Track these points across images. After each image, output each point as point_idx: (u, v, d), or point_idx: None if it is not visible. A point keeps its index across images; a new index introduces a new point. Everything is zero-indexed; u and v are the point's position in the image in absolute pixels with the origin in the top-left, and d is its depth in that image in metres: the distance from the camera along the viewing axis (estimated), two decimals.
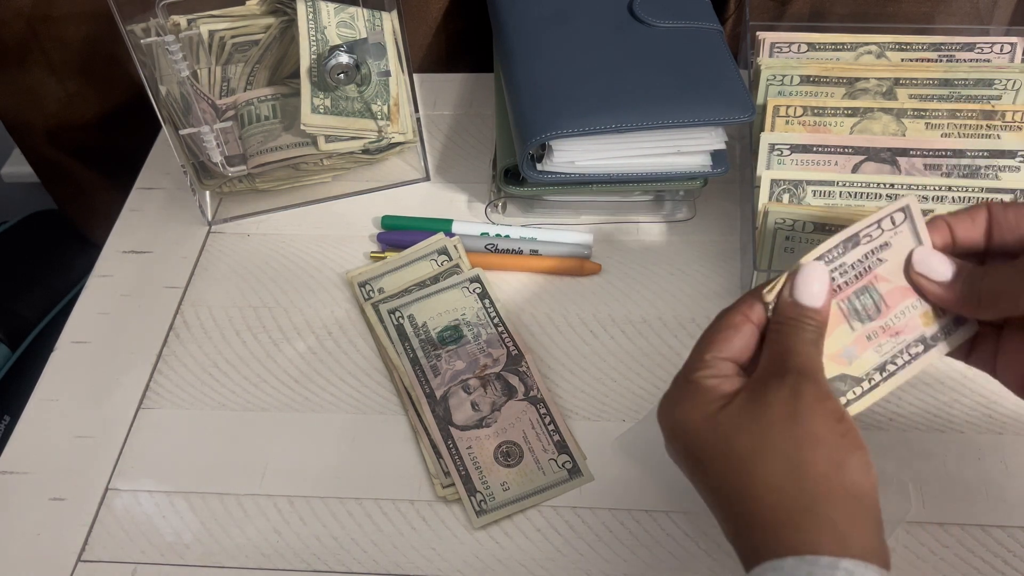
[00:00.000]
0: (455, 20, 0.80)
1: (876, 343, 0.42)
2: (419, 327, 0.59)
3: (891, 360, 0.42)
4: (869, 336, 0.42)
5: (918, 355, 0.42)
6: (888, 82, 0.62)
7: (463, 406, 0.55)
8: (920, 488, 0.51)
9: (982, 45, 0.65)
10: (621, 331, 0.59)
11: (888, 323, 0.42)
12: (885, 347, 0.42)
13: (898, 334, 0.42)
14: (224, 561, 0.50)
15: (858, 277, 0.42)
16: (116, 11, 0.55)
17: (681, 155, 0.61)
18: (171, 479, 0.54)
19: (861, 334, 0.42)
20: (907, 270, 0.41)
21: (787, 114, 0.61)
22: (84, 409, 0.58)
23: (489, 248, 0.64)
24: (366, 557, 0.50)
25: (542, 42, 0.64)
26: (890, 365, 0.42)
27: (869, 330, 0.42)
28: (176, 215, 0.69)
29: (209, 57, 0.64)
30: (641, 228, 0.66)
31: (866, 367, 0.41)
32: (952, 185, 0.55)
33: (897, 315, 0.42)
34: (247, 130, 0.64)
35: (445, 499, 0.52)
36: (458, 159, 0.72)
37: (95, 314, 0.63)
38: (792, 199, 0.57)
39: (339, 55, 0.61)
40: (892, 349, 0.42)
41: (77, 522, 0.52)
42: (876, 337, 0.42)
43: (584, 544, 0.50)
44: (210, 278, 0.65)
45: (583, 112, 0.59)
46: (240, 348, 0.60)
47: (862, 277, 0.42)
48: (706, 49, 0.64)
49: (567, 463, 0.53)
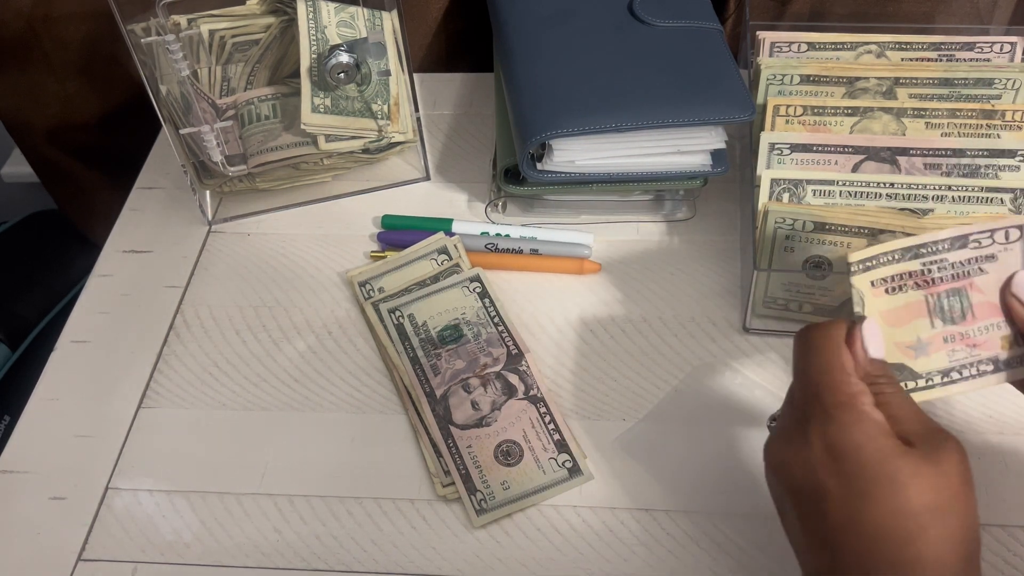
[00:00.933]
0: (455, 20, 0.80)
1: (950, 347, 0.42)
2: (419, 326, 0.59)
3: (958, 369, 0.42)
4: (946, 339, 0.42)
5: (984, 374, 0.42)
6: (888, 81, 0.62)
7: (463, 405, 0.55)
8: None
9: (982, 44, 0.65)
10: (621, 331, 0.59)
11: (969, 332, 0.42)
12: (958, 355, 0.42)
13: (975, 347, 0.42)
14: (224, 560, 0.50)
15: (955, 278, 0.42)
16: (116, 11, 0.55)
17: (681, 154, 0.61)
18: (171, 478, 0.54)
19: (939, 334, 0.42)
20: (1005, 288, 0.42)
21: (787, 113, 0.61)
22: (84, 408, 0.58)
23: (489, 248, 0.64)
24: (366, 556, 0.50)
25: (542, 42, 0.64)
26: (955, 373, 0.42)
27: (948, 332, 0.42)
28: (176, 215, 0.69)
29: (209, 57, 0.64)
30: (641, 228, 0.66)
31: (930, 367, 0.41)
32: (952, 184, 0.56)
33: (980, 329, 0.42)
34: (247, 130, 0.64)
35: (445, 498, 0.52)
36: (458, 159, 0.72)
37: (95, 314, 0.63)
38: (792, 198, 0.57)
39: (339, 55, 0.61)
40: (963, 359, 0.42)
41: (77, 521, 0.52)
42: (952, 342, 0.42)
43: (584, 543, 0.50)
44: (210, 278, 0.65)
45: (583, 112, 0.59)
46: (240, 348, 0.60)
47: (958, 279, 0.42)
48: (706, 49, 0.64)
49: (567, 462, 0.53)
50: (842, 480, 0.36)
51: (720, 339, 0.58)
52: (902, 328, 0.41)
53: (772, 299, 0.58)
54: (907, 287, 0.43)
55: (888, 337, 0.42)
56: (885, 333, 0.42)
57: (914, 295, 0.43)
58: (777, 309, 0.58)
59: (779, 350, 0.58)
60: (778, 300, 0.58)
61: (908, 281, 0.42)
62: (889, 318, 0.42)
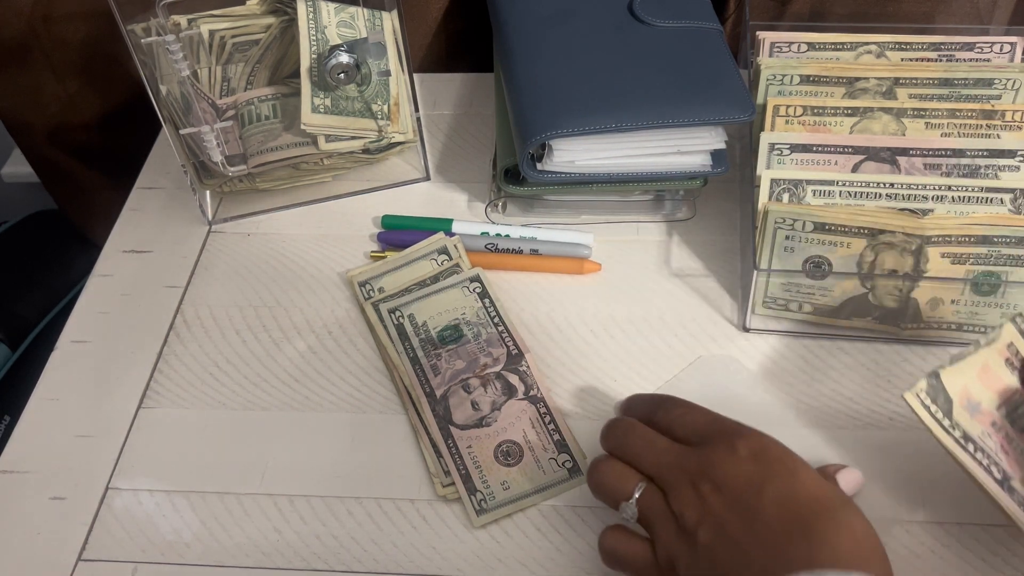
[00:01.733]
0: (455, 20, 0.80)
1: (989, 432, 0.44)
2: (419, 326, 0.59)
3: (978, 446, 0.44)
4: (995, 423, 0.44)
5: (988, 471, 0.44)
6: (888, 82, 0.62)
7: (463, 405, 0.55)
8: (920, 488, 0.51)
9: (982, 45, 0.65)
10: (621, 331, 0.59)
11: (1013, 440, 0.44)
12: (987, 441, 0.44)
13: (1003, 452, 0.44)
14: (224, 560, 0.50)
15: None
16: (116, 11, 0.55)
17: (681, 155, 0.61)
18: (171, 478, 0.54)
19: (994, 418, 0.44)
20: None
21: (787, 114, 0.61)
22: (84, 409, 0.58)
23: (489, 248, 0.64)
24: (366, 556, 0.50)
25: (542, 42, 0.64)
26: (970, 445, 0.44)
27: (1000, 423, 0.44)
28: (176, 215, 0.69)
29: (209, 57, 0.64)
30: (641, 228, 0.66)
31: (964, 423, 0.44)
32: (952, 184, 0.56)
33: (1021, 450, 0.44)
34: (247, 130, 0.64)
35: (445, 498, 0.52)
36: (458, 159, 0.72)
37: (95, 314, 0.63)
38: (792, 199, 0.57)
39: (339, 55, 0.61)
40: (988, 447, 0.44)
41: (77, 521, 0.52)
42: (996, 432, 0.44)
43: (584, 543, 0.50)
44: (210, 278, 0.65)
45: (583, 112, 0.59)
46: (240, 348, 0.60)
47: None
48: (706, 49, 0.64)
49: (567, 462, 0.53)
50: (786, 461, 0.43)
51: (720, 339, 0.58)
52: (981, 385, 0.44)
53: (772, 299, 0.58)
54: (1016, 370, 0.46)
55: (967, 374, 0.45)
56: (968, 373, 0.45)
57: (1013, 381, 0.46)
58: (777, 309, 0.58)
59: (779, 350, 0.58)
60: (778, 300, 0.58)
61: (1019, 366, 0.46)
62: (984, 372, 0.45)
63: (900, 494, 0.50)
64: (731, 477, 0.42)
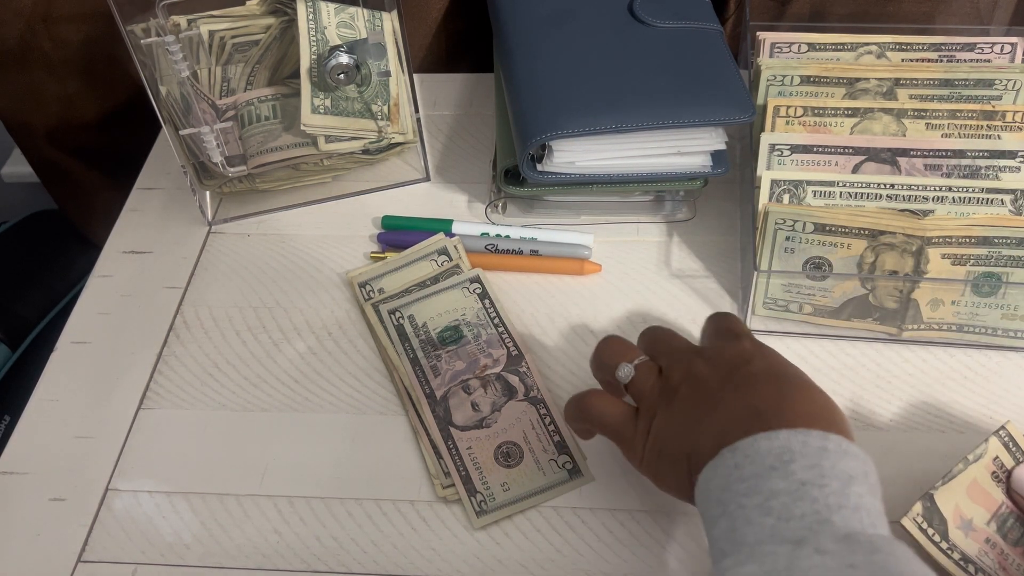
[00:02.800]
0: (455, 20, 0.80)
1: (986, 549, 0.45)
2: (419, 327, 0.59)
3: (977, 566, 0.44)
4: (988, 540, 0.45)
5: None
6: (888, 82, 0.62)
7: (463, 406, 0.55)
8: (921, 488, 0.51)
9: (982, 45, 0.65)
10: (621, 332, 0.59)
11: (1009, 557, 0.45)
12: (985, 560, 0.45)
13: (1002, 569, 0.44)
14: (224, 561, 0.50)
15: None
16: (116, 11, 0.55)
17: (681, 155, 0.61)
18: (171, 479, 0.54)
19: (988, 534, 0.45)
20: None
21: (787, 114, 0.61)
22: (84, 409, 0.58)
23: (489, 248, 0.64)
24: (366, 557, 0.50)
25: (542, 42, 0.64)
26: (971, 566, 0.44)
27: (995, 540, 0.45)
28: (176, 215, 0.69)
29: (209, 57, 0.64)
30: (641, 228, 0.66)
31: (959, 544, 0.45)
32: (952, 185, 0.55)
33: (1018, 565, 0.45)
34: (247, 130, 0.64)
35: (445, 499, 0.52)
36: (458, 159, 0.72)
37: (95, 314, 0.63)
38: (792, 199, 0.57)
39: (339, 55, 0.61)
40: (986, 565, 0.44)
41: (77, 522, 0.52)
42: (992, 549, 0.45)
43: (584, 545, 0.50)
44: (210, 278, 0.65)
45: (583, 112, 0.59)
46: (240, 348, 0.60)
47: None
48: (706, 49, 0.64)
49: (567, 463, 0.53)
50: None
51: None
52: (971, 502, 0.45)
53: (772, 300, 0.58)
54: (1002, 483, 0.47)
55: (957, 492, 0.46)
56: (959, 492, 0.46)
57: (1000, 495, 0.46)
58: (777, 310, 0.58)
59: (779, 351, 0.57)
60: (778, 301, 0.58)
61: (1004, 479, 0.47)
62: (973, 489, 0.46)
63: (900, 494, 0.50)
64: (727, 354, 0.45)
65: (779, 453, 0.38)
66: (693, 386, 0.44)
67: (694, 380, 0.44)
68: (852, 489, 0.37)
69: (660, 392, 0.45)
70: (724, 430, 0.40)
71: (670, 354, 0.47)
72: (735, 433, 0.40)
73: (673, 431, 0.43)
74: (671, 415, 0.44)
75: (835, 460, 0.37)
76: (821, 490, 0.36)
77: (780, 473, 0.37)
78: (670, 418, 0.44)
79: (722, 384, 0.43)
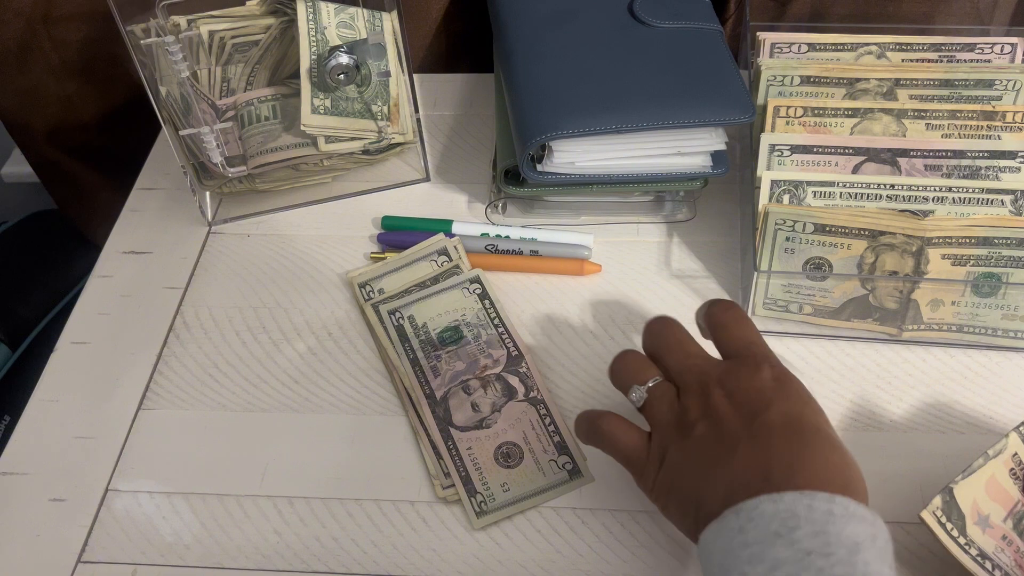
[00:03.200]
0: (455, 20, 0.80)
1: (1003, 546, 0.44)
2: (419, 328, 0.59)
3: (993, 562, 0.44)
4: (1005, 538, 0.44)
5: None
6: (888, 83, 0.62)
7: (463, 407, 0.55)
8: (920, 488, 0.51)
9: (982, 45, 0.65)
10: (621, 331, 0.59)
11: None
12: (1002, 556, 0.44)
13: (1018, 566, 0.44)
14: (224, 562, 0.50)
15: None
16: (116, 11, 0.55)
17: (681, 156, 0.61)
18: (171, 480, 0.54)
19: (1005, 531, 0.45)
20: None
21: (787, 115, 0.61)
22: (84, 409, 0.57)
23: (489, 249, 0.64)
24: (366, 558, 0.50)
25: (542, 43, 0.64)
26: (988, 562, 0.44)
27: (1011, 537, 0.45)
28: (176, 215, 0.69)
29: (209, 57, 0.64)
30: (641, 228, 0.66)
31: (977, 540, 0.44)
32: (952, 186, 0.55)
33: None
34: (247, 130, 0.64)
35: (445, 500, 0.52)
36: (458, 159, 0.72)
37: (95, 314, 0.63)
38: (792, 200, 0.57)
39: (339, 55, 0.61)
40: (1003, 562, 0.44)
41: (77, 523, 0.52)
42: (1008, 546, 0.44)
43: (584, 545, 0.50)
44: (210, 278, 0.65)
45: (583, 113, 0.59)
46: (240, 348, 0.60)
47: None
48: (706, 49, 0.64)
49: (567, 464, 0.53)
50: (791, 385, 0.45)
51: None
52: (988, 497, 0.44)
53: (772, 300, 0.58)
54: (1019, 480, 0.46)
55: (976, 487, 0.45)
56: (977, 487, 0.45)
57: (1016, 492, 0.46)
58: (777, 311, 0.58)
59: (779, 352, 0.57)
60: (778, 301, 0.58)
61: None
62: (991, 485, 0.46)
63: (900, 495, 0.50)
64: (745, 389, 0.43)
65: (784, 518, 0.37)
66: (710, 426, 0.43)
67: (713, 419, 0.43)
68: (859, 557, 0.36)
69: (676, 424, 0.44)
70: (732, 489, 0.40)
71: (684, 373, 0.46)
72: (741, 494, 0.39)
73: (686, 470, 0.43)
74: (686, 452, 0.43)
75: (841, 526, 0.37)
76: (827, 559, 0.36)
77: (785, 541, 0.36)
78: (684, 455, 0.43)
79: (739, 432, 0.42)
